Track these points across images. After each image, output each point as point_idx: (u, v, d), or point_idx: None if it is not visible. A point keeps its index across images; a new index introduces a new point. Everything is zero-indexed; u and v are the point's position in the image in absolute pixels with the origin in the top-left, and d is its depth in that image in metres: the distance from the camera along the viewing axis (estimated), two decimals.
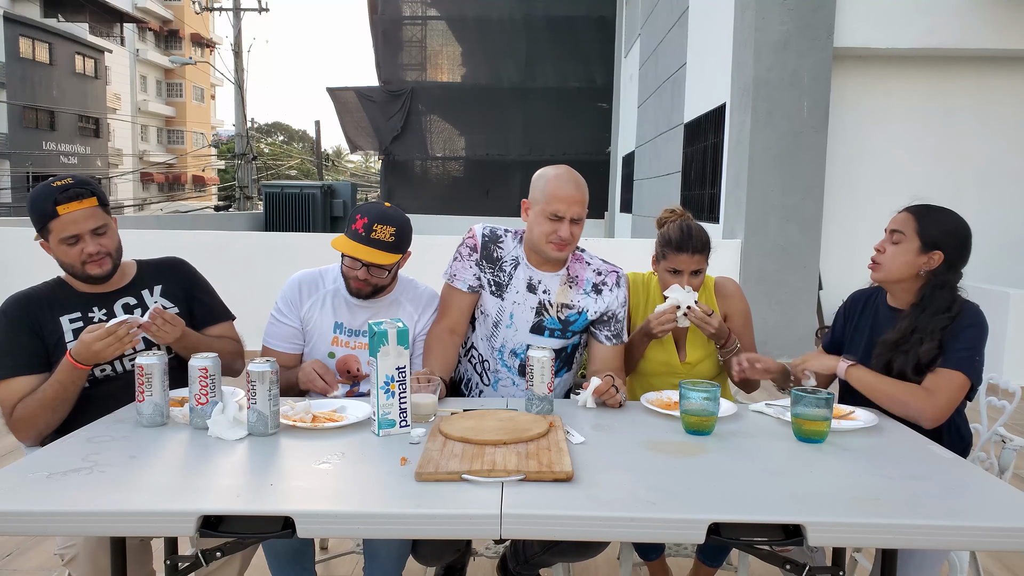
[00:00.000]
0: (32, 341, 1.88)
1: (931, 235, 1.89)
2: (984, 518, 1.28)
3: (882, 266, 1.95)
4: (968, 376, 1.82)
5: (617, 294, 2.16)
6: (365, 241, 1.98)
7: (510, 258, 2.16)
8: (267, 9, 19.87)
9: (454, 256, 2.20)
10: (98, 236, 1.90)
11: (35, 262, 2.47)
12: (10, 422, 1.84)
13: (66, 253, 1.88)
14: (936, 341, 1.84)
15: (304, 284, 2.16)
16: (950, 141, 6.59)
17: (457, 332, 2.18)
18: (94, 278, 1.92)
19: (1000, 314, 5.45)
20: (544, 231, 2.04)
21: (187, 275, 2.15)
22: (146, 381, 1.67)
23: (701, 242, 2.14)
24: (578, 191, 2.03)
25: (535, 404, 1.83)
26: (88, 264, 1.89)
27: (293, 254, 6.36)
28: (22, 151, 25.59)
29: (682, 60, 9.02)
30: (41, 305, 1.92)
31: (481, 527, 1.28)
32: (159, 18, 39.93)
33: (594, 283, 2.16)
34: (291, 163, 43.78)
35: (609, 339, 2.16)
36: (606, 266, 2.21)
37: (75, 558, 1.73)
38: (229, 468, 1.47)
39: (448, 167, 19.30)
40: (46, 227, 1.86)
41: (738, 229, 6.42)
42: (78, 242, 1.87)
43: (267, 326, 2.16)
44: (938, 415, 1.80)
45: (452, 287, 2.18)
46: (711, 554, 2.28)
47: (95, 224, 1.88)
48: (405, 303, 2.19)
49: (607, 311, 2.15)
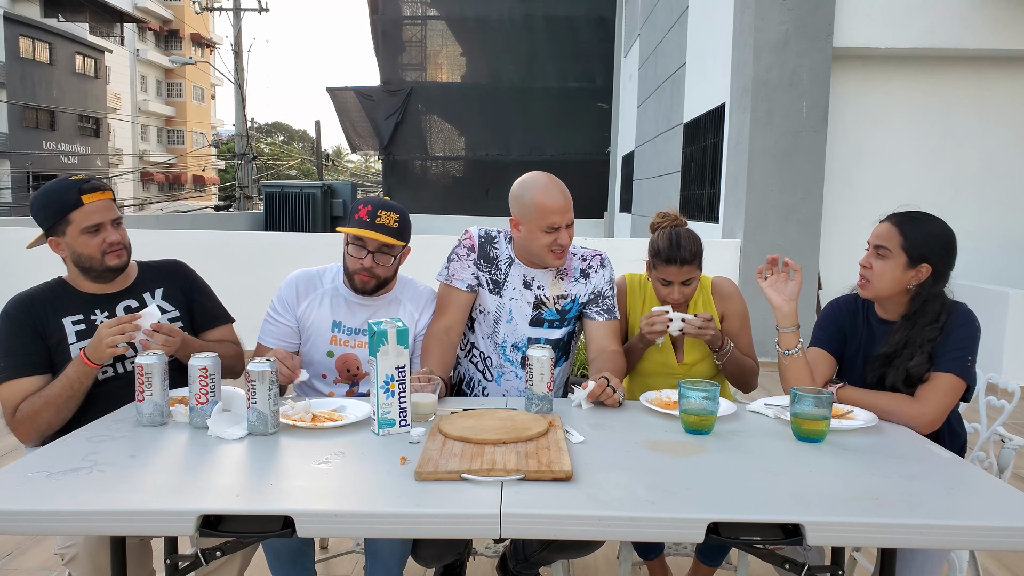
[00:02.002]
0: (34, 342, 1.88)
1: (917, 249, 1.86)
2: (983, 517, 1.28)
3: (871, 284, 1.92)
4: (961, 377, 1.81)
5: (603, 273, 2.24)
6: (371, 227, 2.01)
7: (504, 257, 2.21)
8: (267, 9, 19.86)
9: (450, 258, 2.23)
10: (117, 227, 1.95)
11: (35, 262, 2.49)
12: (12, 422, 1.85)
13: (86, 244, 1.90)
14: (926, 354, 1.84)
15: (301, 283, 2.17)
16: (949, 141, 6.58)
17: (454, 331, 2.19)
18: (112, 269, 1.95)
19: (999, 314, 5.45)
20: (544, 243, 2.09)
21: (187, 278, 2.16)
22: (146, 381, 1.68)
23: (690, 252, 2.12)
24: (565, 197, 2.09)
25: (535, 403, 1.83)
26: (108, 254, 1.93)
27: (293, 254, 6.37)
28: (22, 151, 25.59)
29: (681, 60, 9.02)
30: (44, 306, 1.92)
31: (481, 526, 1.28)
32: (159, 18, 39.93)
33: (581, 269, 2.24)
34: (291, 163, 43.79)
35: (601, 314, 2.21)
36: (589, 251, 2.28)
37: (75, 558, 1.73)
38: (229, 467, 1.47)
39: (448, 167, 19.30)
40: (66, 218, 1.89)
41: (737, 229, 6.43)
42: (99, 231, 1.91)
43: (263, 324, 2.16)
44: (931, 420, 1.80)
45: (450, 287, 2.20)
46: (710, 553, 2.28)
47: (114, 215, 1.95)
48: (405, 302, 2.20)
49: (595, 290, 2.22)
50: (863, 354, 2.00)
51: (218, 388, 1.69)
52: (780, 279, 2.03)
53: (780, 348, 1.97)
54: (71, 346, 1.90)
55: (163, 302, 2.07)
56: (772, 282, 2.04)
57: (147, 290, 2.07)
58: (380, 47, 18.40)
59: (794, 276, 2.02)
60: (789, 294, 2.00)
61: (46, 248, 1.98)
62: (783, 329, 1.97)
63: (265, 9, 19.88)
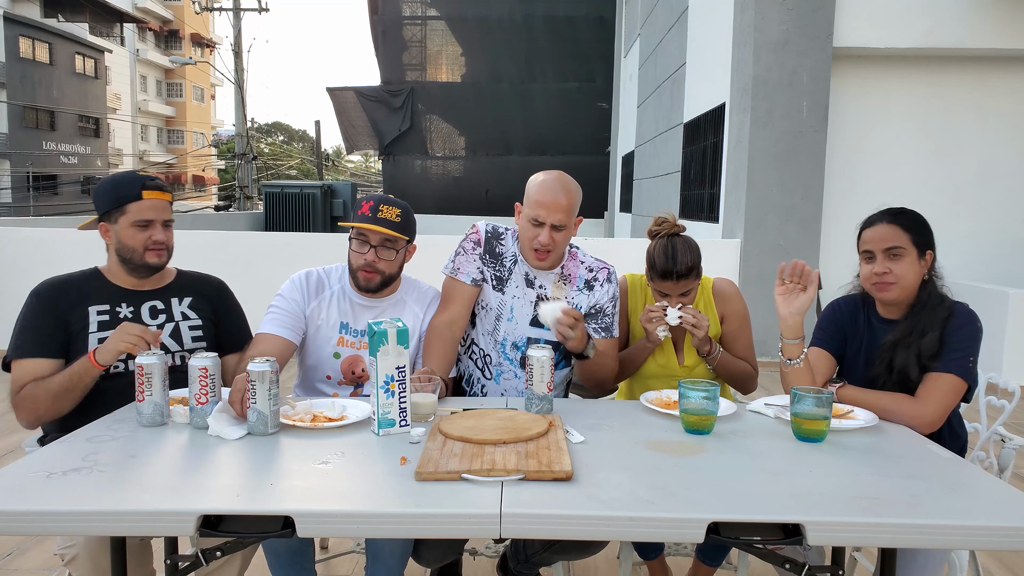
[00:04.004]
0: (56, 326, 1.92)
1: (920, 239, 1.91)
2: (983, 517, 1.28)
3: (898, 285, 1.89)
4: (962, 378, 1.82)
5: (607, 289, 2.19)
6: (373, 220, 2.02)
7: (510, 254, 2.21)
8: (267, 9, 19.86)
9: (456, 251, 2.22)
10: (165, 229, 2.02)
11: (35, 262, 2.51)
12: (14, 400, 1.88)
13: (133, 236, 1.97)
14: (938, 332, 1.84)
15: (311, 282, 2.16)
16: (950, 141, 6.58)
17: (457, 325, 2.18)
18: (150, 266, 2.00)
19: (999, 314, 5.45)
20: (527, 236, 2.09)
21: (221, 296, 2.19)
22: (146, 381, 1.68)
23: (686, 267, 2.07)
24: (563, 198, 2.04)
25: (535, 403, 1.83)
26: (149, 251, 1.99)
27: (293, 254, 6.37)
28: (22, 151, 25.58)
29: (682, 60, 9.02)
30: (74, 293, 1.98)
31: (481, 526, 1.28)
32: (159, 18, 39.92)
33: (586, 279, 2.21)
34: (291, 163, 43.79)
35: (597, 331, 2.17)
36: (598, 263, 2.24)
37: (75, 558, 1.73)
38: (229, 468, 1.47)
39: (448, 167, 19.30)
40: (123, 208, 1.96)
41: (737, 229, 6.42)
42: (148, 227, 1.98)
43: (266, 316, 2.10)
44: (931, 421, 1.80)
45: (455, 280, 2.20)
46: (710, 553, 2.28)
47: (167, 216, 2.03)
48: (410, 303, 2.21)
49: (595, 305, 2.19)
50: (865, 354, 2.00)
51: (218, 388, 1.69)
52: (794, 290, 1.98)
53: (783, 356, 1.96)
54: (91, 335, 1.93)
55: (188, 310, 2.10)
56: (785, 291, 1.99)
57: (176, 295, 2.10)
58: (380, 47, 18.41)
59: (808, 289, 1.96)
60: (797, 308, 1.96)
61: (48, 248, 2.00)
62: (786, 340, 1.96)
63: (265, 9, 19.88)
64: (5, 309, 5.94)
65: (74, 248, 5.90)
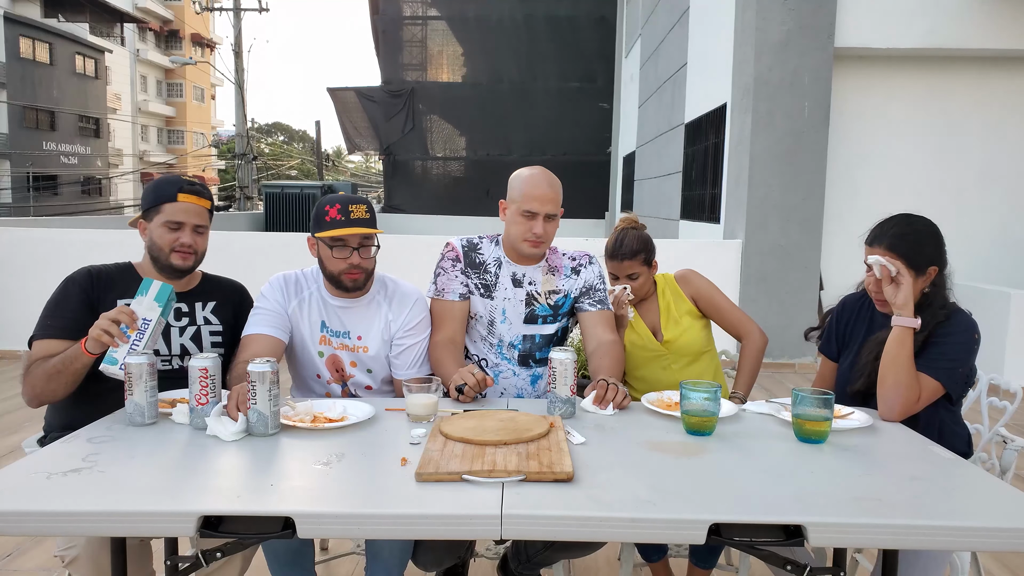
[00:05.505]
0: (83, 313, 1.94)
1: (919, 260, 1.89)
2: (985, 519, 1.28)
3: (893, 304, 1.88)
4: (942, 384, 1.83)
5: (592, 269, 2.31)
6: (347, 223, 2.00)
7: (492, 259, 2.25)
8: (267, 9, 19.86)
9: (436, 273, 2.25)
10: (196, 234, 2.04)
11: (35, 262, 2.51)
12: (24, 373, 1.92)
13: (162, 236, 2.01)
14: (925, 333, 1.86)
15: (291, 281, 2.15)
16: (951, 141, 6.58)
17: (457, 341, 2.20)
18: (175, 268, 2.03)
19: (1000, 314, 5.45)
20: (520, 229, 2.15)
21: (242, 302, 2.21)
22: (127, 381, 1.68)
23: (630, 250, 2.35)
24: (551, 190, 2.15)
25: (558, 406, 1.82)
26: (175, 252, 2.01)
27: (293, 254, 6.34)
28: (22, 151, 25.59)
29: (683, 60, 9.02)
30: (106, 283, 2.02)
31: (482, 527, 1.28)
32: (159, 18, 39.92)
33: (572, 267, 2.30)
34: (291, 163, 43.82)
35: (593, 304, 2.26)
36: (579, 252, 2.36)
37: (76, 559, 1.73)
38: (229, 468, 1.46)
39: (449, 167, 19.31)
40: (159, 207, 2.01)
41: (739, 229, 6.42)
42: (178, 229, 2.01)
43: (251, 318, 2.09)
44: (899, 412, 1.82)
45: (443, 301, 2.21)
46: (703, 556, 2.28)
47: (200, 222, 2.05)
48: (383, 304, 2.17)
49: (586, 284, 2.28)
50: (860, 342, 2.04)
51: (218, 389, 1.69)
52: None
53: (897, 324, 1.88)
54: None
55: (210, 315, 2.12)
56: None
57: (200, 300, 2.12)
58: (381, 47, 18.42)
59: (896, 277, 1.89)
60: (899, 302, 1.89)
61: (50, 248, 2.01)
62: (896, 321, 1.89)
63: (265, 9, 19.88)
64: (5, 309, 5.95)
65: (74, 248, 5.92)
